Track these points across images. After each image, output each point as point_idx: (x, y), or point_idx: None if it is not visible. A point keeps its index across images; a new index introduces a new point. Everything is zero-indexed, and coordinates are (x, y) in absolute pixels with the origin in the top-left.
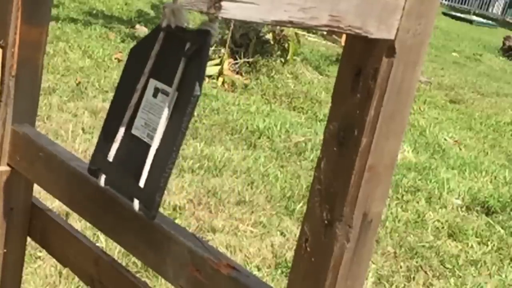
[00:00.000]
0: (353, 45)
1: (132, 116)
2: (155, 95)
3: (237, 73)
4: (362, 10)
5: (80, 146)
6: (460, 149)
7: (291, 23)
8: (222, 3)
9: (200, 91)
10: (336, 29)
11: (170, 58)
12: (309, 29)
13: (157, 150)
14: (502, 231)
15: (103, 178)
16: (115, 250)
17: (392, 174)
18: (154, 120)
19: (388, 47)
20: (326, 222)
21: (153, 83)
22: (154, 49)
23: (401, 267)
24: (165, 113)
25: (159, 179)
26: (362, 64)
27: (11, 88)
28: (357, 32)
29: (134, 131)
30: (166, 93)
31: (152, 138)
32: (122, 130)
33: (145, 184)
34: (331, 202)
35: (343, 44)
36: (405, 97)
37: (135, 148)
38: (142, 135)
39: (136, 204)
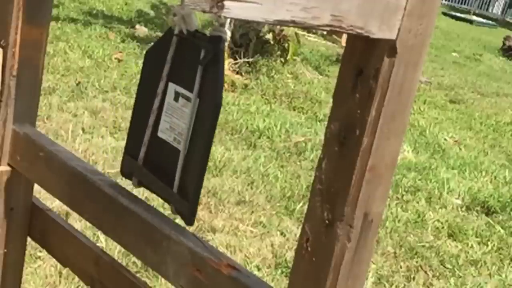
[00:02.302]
0: (354, 45)
1: (156, 119)
2: (176, 99)
3: (237, 73)
4: (364, 10)
5: (80, 146)
6: (460, 149)
7: (294, 23)
8: (225, 3)
9: (221, 99)
10: (338, 29)
11: (185, 62)
12: (311, 28)
13: (187, 157)
14: (502, 231)
15: (135, 180)
16: (115, 250)
17: (393, 174)
18: (178, 124)
19: (389, 47)
20: (327, 222)
21: (172, 87)
22: (169, 54)
23: (401, 267)
24: (189, 119)
25: (192, 190)
26: (363, 64)
27: (12, 88)
28: (358, 32)
29: (160, 134)
30: (187, 98)
31: (179, 142)
32: (148, 134)
33: (178, 191)
34: (332, 202)
35: (343, 44)
36: (406, 97)
37: (163, 151)
38: (168, 138)
39: (173, 209)
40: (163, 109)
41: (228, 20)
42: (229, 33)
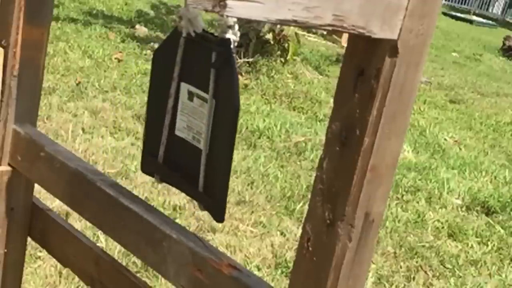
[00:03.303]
0: (356, 45)
1: (171, 118)
2: (190, 99)
3: (237, 73)
4: (365, 10)
5: (80, 146)
6: (460, 149)
7: (295, 22)
8: (227, 2)
9: (239, 101)
10: (339, 29)
11: (196, 63)
12: (313, 28)
13: (209, 157)
14: (502, 231)
15: (157, 177)
16: (115, 250)
17: (393, 174)
18: (196, 123)
19: (391, 47)
20: (328, 221)
21: (185, 86)
22: (178, 55)
23: (401, 267)
24: (207, 119)
25: (219, 189)
26: (365, 64)
27: (13, 88)
28: (360, 32)
29: (177, 133)
30: (202, 98)
31: (199, 141)
32: (165, 133)
33: (204, 190)
34: (333, 202)
35: (343, 44)
36: (407, 97)
37: (183, 150)
38: (187, 137)
39: (201, 206)
40: (178, 108)
41: (232, 20)
42: (238, 33)
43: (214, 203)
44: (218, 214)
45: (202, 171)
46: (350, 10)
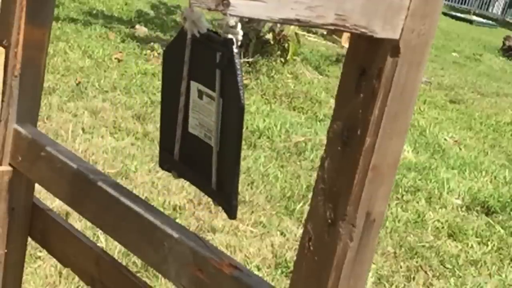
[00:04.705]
0: (357, 45)
1: (184, 115)
2: (200, 97)
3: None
4: (367, 10)
5: (80, 146)
6: (460, 149)
7: (298, 21)
8: (231, 1)
9: (244, 101)
10: (342, 28)
11: (202, 62)
12: (315, 27)
13: (220, 154)
14: (502, 231)
15: (175, 173)
16: (115, 250)
17: (395, 174)
18: (206, 121)
19: (392, 47)
20: (329, 221)
21: (195, 85)
22: (185, 55)
23: (401, 267)
24: (216, 117)
25: (229, 186)
26: (366, 64)
27: (14, 88)
28: (362, 32)
29: (191, 130)
30: (210, 97)
31: (210, 139)
32: (179, 131)
33: (217, 187)
34: (334, 201)
35: (343, 44)
36: (409, 97)
37: (197, 147)
38: (199, 134)
39: (214, 203)
40: (190, 106)
41: (234, 20)
42: (241, 33)
43: (226, 200)
44: (230, 211)
45: (214, 169)
46: (352, 9)
